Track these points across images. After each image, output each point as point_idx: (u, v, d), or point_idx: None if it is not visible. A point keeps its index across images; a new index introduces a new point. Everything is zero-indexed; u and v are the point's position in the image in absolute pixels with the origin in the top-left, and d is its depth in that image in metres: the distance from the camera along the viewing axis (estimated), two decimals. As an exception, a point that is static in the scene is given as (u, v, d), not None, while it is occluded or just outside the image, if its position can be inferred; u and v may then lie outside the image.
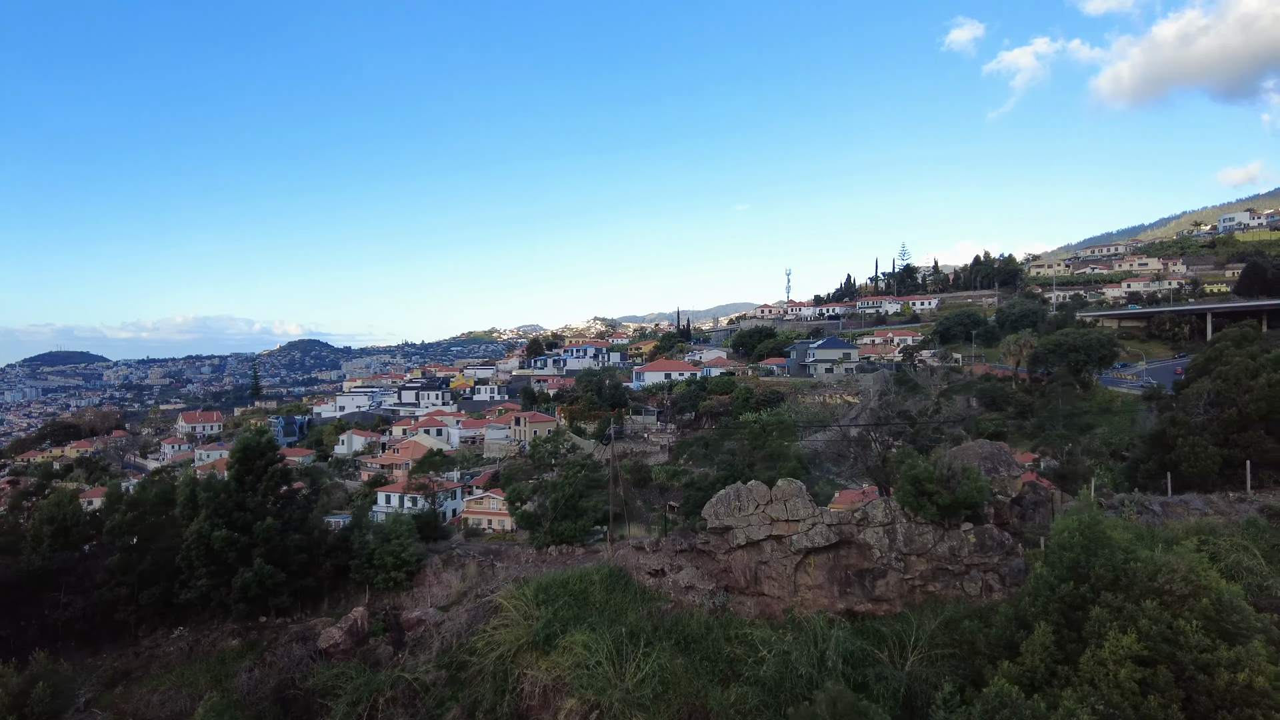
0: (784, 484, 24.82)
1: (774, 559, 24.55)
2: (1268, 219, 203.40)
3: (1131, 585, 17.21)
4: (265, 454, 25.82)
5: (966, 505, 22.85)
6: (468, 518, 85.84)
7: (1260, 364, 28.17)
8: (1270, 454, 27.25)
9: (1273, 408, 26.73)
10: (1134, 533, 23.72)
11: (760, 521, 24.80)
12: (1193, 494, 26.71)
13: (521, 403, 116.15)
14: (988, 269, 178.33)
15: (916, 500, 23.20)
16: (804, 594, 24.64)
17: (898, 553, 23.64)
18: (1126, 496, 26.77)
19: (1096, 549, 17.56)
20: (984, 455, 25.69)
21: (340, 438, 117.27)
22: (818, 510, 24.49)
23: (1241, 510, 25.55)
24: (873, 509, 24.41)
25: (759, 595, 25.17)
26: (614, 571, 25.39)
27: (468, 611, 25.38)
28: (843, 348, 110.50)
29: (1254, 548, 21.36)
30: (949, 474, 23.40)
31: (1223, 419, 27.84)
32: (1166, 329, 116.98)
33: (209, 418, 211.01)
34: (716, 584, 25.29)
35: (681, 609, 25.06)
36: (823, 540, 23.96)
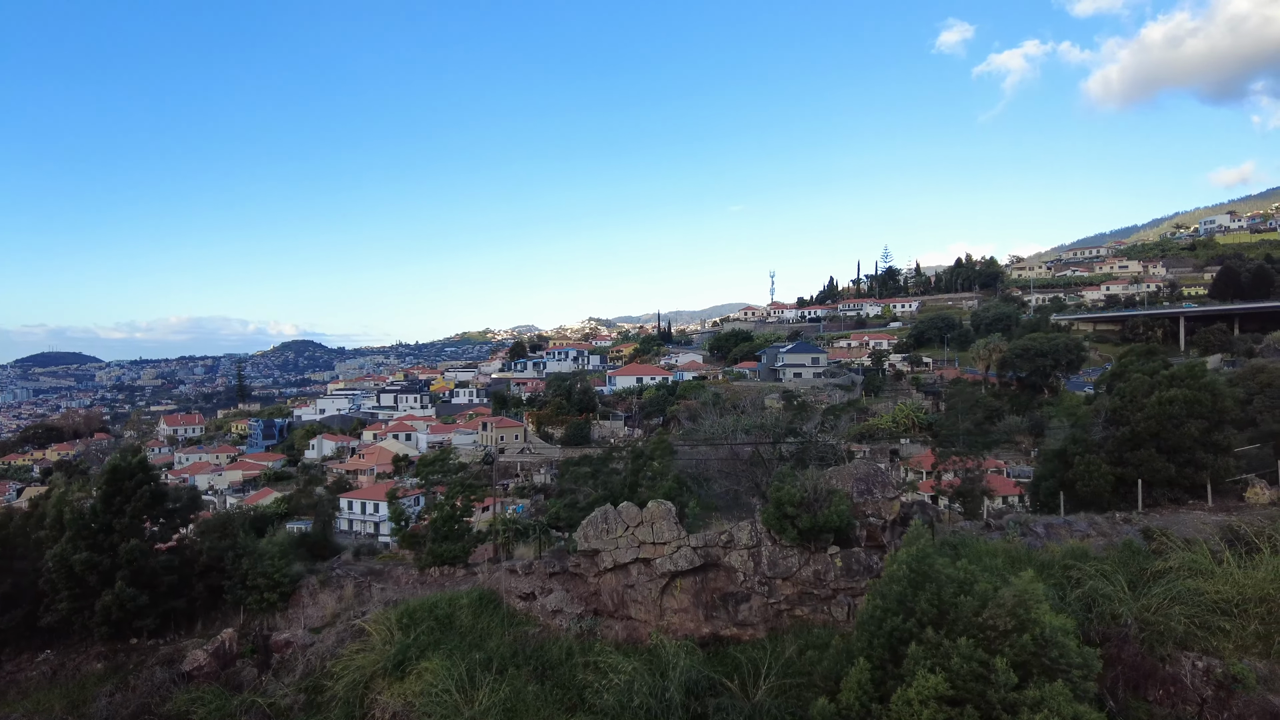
0: (653, 506, 24.39)
1: (640, 582, 24.10)
2: (1249, 221, 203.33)
3: (956, 621, 16.80)
4: (135, 475, 25.35)
5: (828, 528, 22.42)
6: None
7: (1156, 381, 27.82)
8: (1161, 473, 26.91)
9: (1162, 426, 26.38)
10: (1010, 557, 23.36)
11: (628, 544, 24.34)
12: (1080, 514, 26.37)
13: (492, 407, 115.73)
14: (969, 271, 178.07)
15: (779, 523, 22.79)
16: (670, 618, 24.18)
17: (761, 576, 23.20)
18: (1013, 517, 26.40)
19: (924, 582, 17.13)
20: (859, 476, 25.25)
21: (310, 442, 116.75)
22: (684, 533, 24.03)
23: (1123, 531, 25.17)
24: (739, 531, 23.99)
25: (627, 619, 24.72)
26: (484, 595, 24.97)
27: (337, 634, 24.94)
28: (811, 352, 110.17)
29: (1118, 573, 20.93)
30: (812, 496, 22.98)
31: (1117, 437, 27.50)
32: (1140, 332, 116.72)
33: (190, 420, 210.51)
34: (586, 607, 24.83)
35: (549, 633, 24.61)
36: (686, 564, 23.51)
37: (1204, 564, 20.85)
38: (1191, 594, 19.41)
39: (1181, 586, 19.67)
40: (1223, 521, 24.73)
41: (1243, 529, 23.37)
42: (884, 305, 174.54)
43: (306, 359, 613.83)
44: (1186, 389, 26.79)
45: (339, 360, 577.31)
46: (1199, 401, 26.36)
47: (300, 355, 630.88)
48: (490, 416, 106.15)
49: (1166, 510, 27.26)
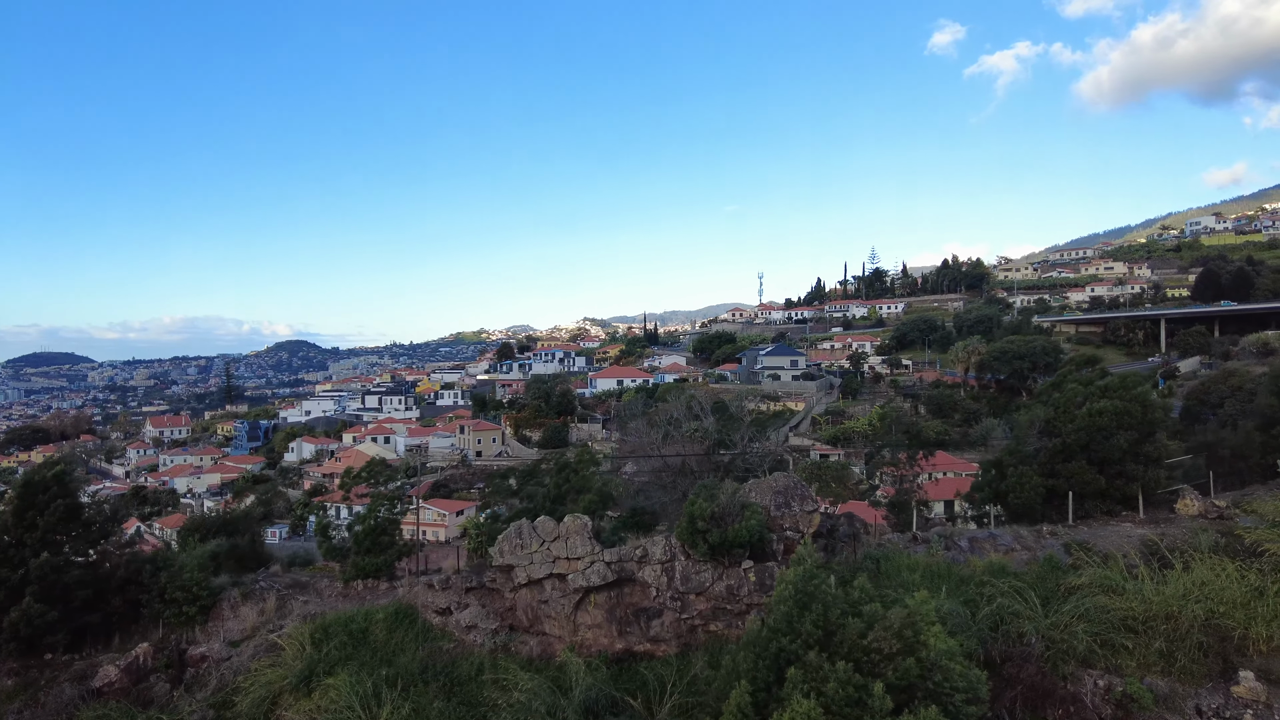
0: (569, 520, 24.08)
1: (553, 598, 23.77)
2: (1234, 223, 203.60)
3: (842, 643, 16.54)
4: (50, 488, 24.97)
5: (739, 543, 22.13)
6: (405, 528, 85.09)
7: (1090, 391, 27.61)
8: (1091, 485, 26.68)
9: (1092, 438, 26.16)
10: (931, 572, 23.09)
11: (543, 560, 24.01)
12: (1006, 527, 26.15)
13: (472, 409, 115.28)
14: (955, 272, 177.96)
15: (692, 538, 22.51)
16: (584, 633, 23.86)
17: (674, 592, 22.89)
18: (940, 530, 26.16)
19: (810, 603, 16.86)
20: (778, 489, 24.97)
21: (290, 445, 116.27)
22: (598, 548, 23.70)
23: (1047, 545, 24.90)
24: (653, 546, 23.68)
25: (542, 634, 24.40)
26: (401, 609, 24.64)
27: (254, 648, 24.59)
28: (790, 355, 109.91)
29: (1032, 590, 20.65)
30: (723, 511, 22.69)
31: (1049, 448, 27.30)
32: (1121, 334, 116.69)
33: (177, 421, 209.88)
34: (501, 623, 24.50)
35: (463, 649, 24.28)
36: (599, 579, 23.17)
37: (1115, 580, 20.59)
38: (1099, 611, 19.12)
39: (1090, 603, 19.37)
40: (1146, 535, 24.54)
41: (1162, 543, 23.18)
42: (870, 307, 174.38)
43: (300, 359, 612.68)
44: (1118, 400, 26.58)
45: (333, 360, 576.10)
46: (1129, 413, 26.15)
47: (294, 355, 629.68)
48: (471, 419, 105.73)
49: (1098, 522, 27.03)
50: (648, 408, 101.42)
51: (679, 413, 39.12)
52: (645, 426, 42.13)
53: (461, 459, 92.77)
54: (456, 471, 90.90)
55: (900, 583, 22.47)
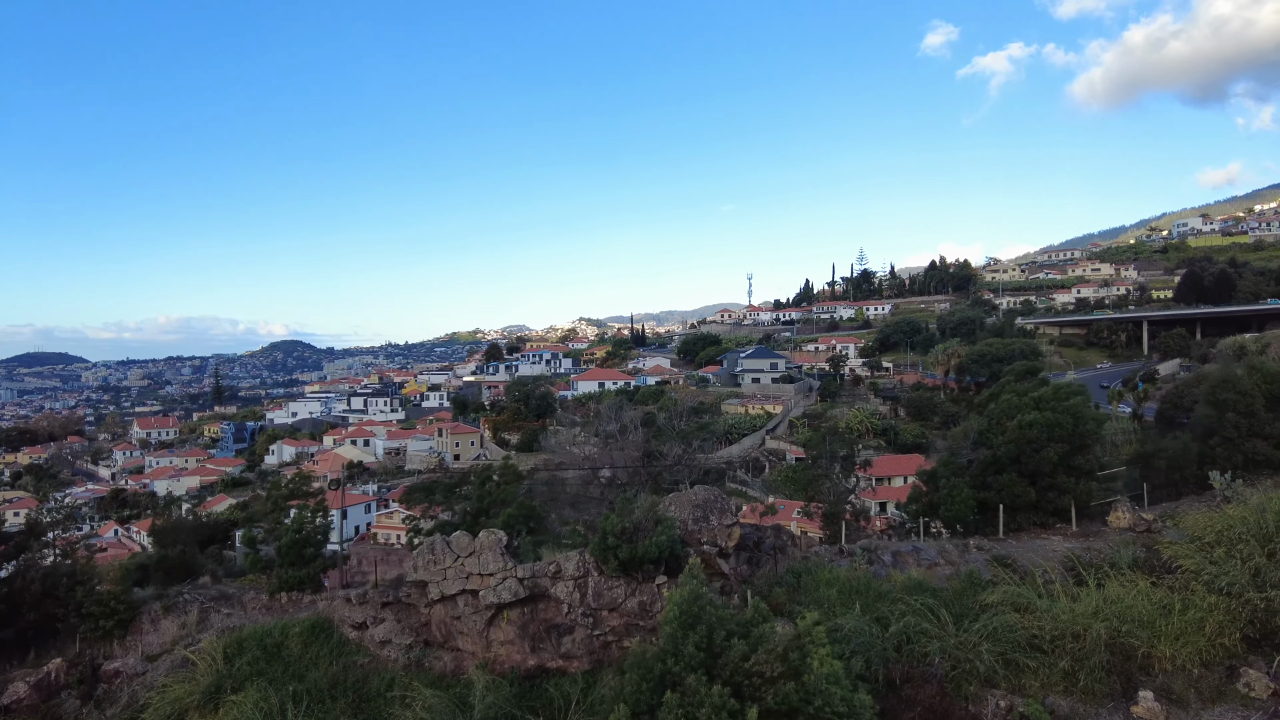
0: (484, 536, 23.77)
1: (466, 614, 23.44)
2: (1221, 224, 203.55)
3: (725, 666, 16.24)
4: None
5: (648, 559, 21.81)
6: (377, 532, 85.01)
7: (1024, 402, 27.34)
8: (1022, 498, 26.42)
9: (1022, 451, 25.90)
10: (850, 587, 22.79)
11: (456, 575, 23.68)
12: (932, 540, 25.85)
13: (453, 412, 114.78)
14: (943, 273, 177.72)
15: (602, 554, 22.20)
16: (497, 649, 23.54)
17: (586, 608, 22.56)
18: (865, 544, 25.87)
19: (695, 624, 16.55)
20: (697, 503, 24.65)
21: (271, 448, 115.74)
22: (511, 564, 23.40)
23: (971, 560, 24.61)
24: (566, 562, 23.36)
25: (455, 650, 24.08)
26: (318, 623, 24.29)
27: (170, 663, 24.25)
28: (769, 357, 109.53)
29: (947, 607, 20.33)
30: (634, 526, 22.38)
31: (981, 460, 27.03)
32: (1104, 336, 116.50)
33: (164, 423, 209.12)
34: (416, 638, 24.16)
35: (378, 664, 23.97)
36: (510, 595, 22.86)
37: (1028, 597, 20.28)
38: (1007, 630, 18.81)
39: (999, 621, 19.06)
40: (1072, 549, 24.26)
41: (1086, 557, 22.89)
42: (857, 308, 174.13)
43: (295, 359, 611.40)
44: (1050, 413, 26.31)
45: (328, 360, 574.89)
46: (1059, 425, 25.87)
47: (289, 355, 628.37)
48: (451, 421, 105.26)
49: (1029, 535, 26.74)
50: (622, 411, 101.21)
51: (611, 424, 38.73)
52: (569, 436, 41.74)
53: (439, 462, 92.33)
54: (434, 475, 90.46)
55: (816, 598, 22.20)
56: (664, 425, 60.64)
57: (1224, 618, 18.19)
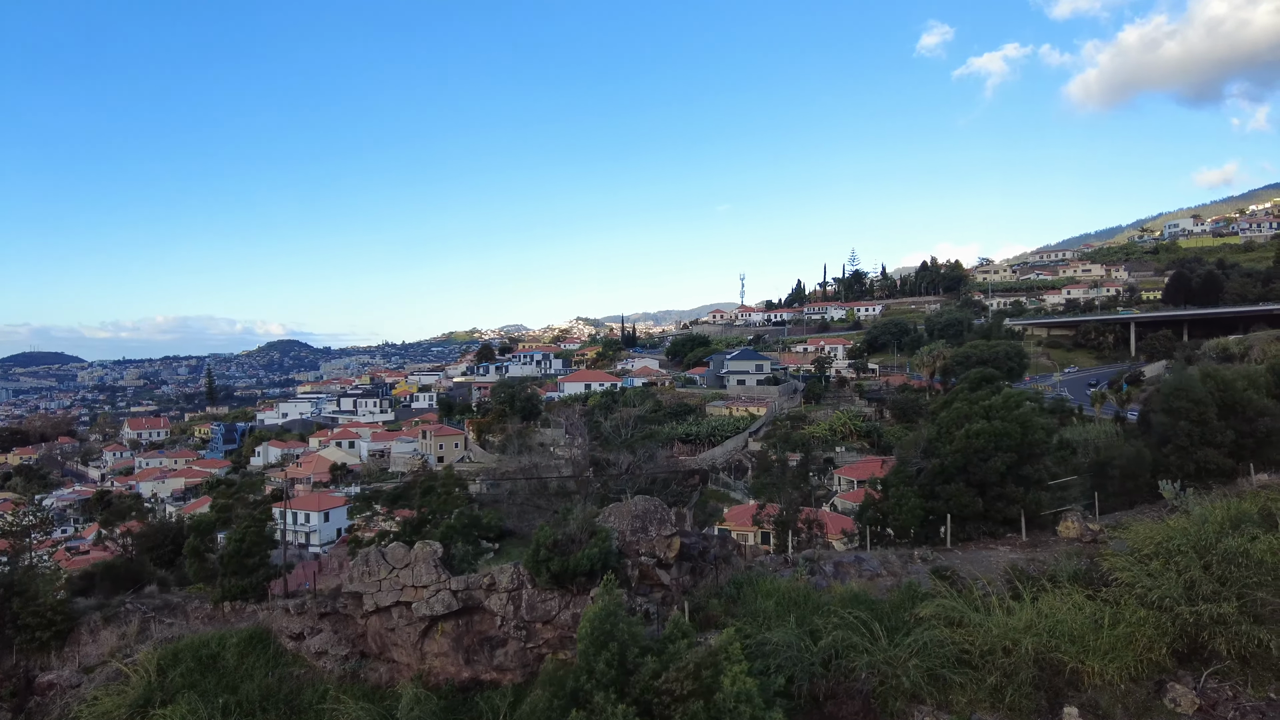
0: (419, 547, 23.55)
1: (400, 626, 23.20)
2: (1212, 225, 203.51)
3: (635, 684, 16.02)
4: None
5: (579, 571, 21.57)
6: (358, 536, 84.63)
7: (974, 411, 27.11)
8: (970, 507, 26.18)
9: (969, 460, 25.67)
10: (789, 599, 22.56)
11: (391, 587, 23.43)
12: (876, 551, 25.63)
13: (439, 413, 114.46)
14: (934, 274, 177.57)
15: (535, 566, 21.99)
16: (431, 661, 23.30)
17: (519, 620, 22.32)
18: (808, 554, 25.63)
19: (607, 641, 16.33)
20: (636, 514, 24.41)
21: (257, 449, 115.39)
22: (445, 576, 23.15)
23: (913, 570, 24.35)
24: (500, 574, 23.12)
25: (391, 662, 23.84)
26: (256, 634, 24.04)
27: (107, 675, 23.99)
28: (754, 359, 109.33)
29: (882, 620, 20.10)
30: (569, 538, 22.16)
31: (929, 469, 26.79)
32: (1092, 338, 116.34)
33: (155, 424, 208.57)
34: (353, 649, 23.92)
35: (314, 675, 23.71)
36: (443, 608, 22.61)
37: (961, 611, 20.00)
38: (937, 644, 18.53)
39: (929, 636, 18.78)
40: (1017, 560, 24.03)
41: (1029, 568, 22.65)
42: (848, 309, 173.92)
43: (292, 359, 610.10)
44: (1000, 421, 26.08)
45: (324, 360, 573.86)
46: (1007, 434, 25.64)
47: (285, 355, 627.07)
48: (437, 423, 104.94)
49: (977, 545, 26.51)
50: (611, 412, 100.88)
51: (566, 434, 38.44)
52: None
53: (422, 465, 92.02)
54: (417, 478, 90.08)
55: (752, 610, 21.94)
56: (609, 433, 60.34)
57: (1153, 632, 17.93)
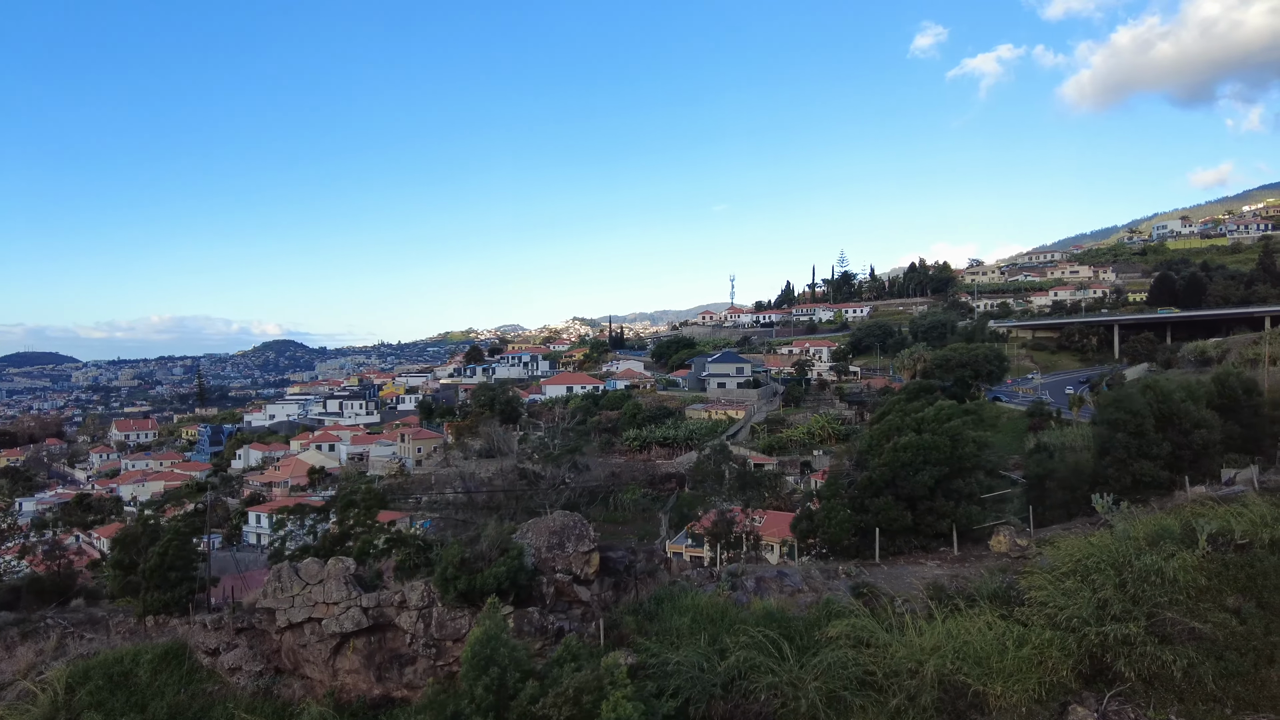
0: (331, 564, 23.25)
1: (311, 642, 22.89)
2: (1200, 227, 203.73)
3: (514, 709, 15.75)
4: None
5: (484, 590, 21.25)
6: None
7: (905, 423, 26.84)
8: (898, 521, 25.92)
9: (896, 473, 25.41)
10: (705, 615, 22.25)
11: (303, 603, 23.10)
12: (799, 564, 25.40)
13: (420, 416, 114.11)
14: (922, 276, 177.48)
15: (442, 584, 21.73)
16: (343, 678, 22.99)
17: (430, 638, 22.04)
18: (732, 568, 25.31)
19: (488, 666, 16.05)
20: (554, 529, 24.13)
21: (238, 452, 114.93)
22: (357, 593, 22.84)
23: (836, 586, 24.06)
24: (411, 592, 22.84)
25: (305, 678, 23.51)
26: (173, 650, 23.70)
27: (17, 693, 23.63)
28: (735, 362, 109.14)
29: (792, 639, 19.79)
30: (477, 555, 21.86)
31: (859, 482, 26.55)
32: (1076, 340, 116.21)
33: (143, 425, 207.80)
34: (268, 665, 23.59)
35: (228, 692, 23.38)
36: (353, 625, 22.31)
37: (871, 630, 19.70)
38: (840, 665, 18.24)
39: (834, 656, 18.49)
40: (941, 576, 23.75)
41: (952, 585, 22.35)
42: (836, 310, 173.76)
43: (287, 359, 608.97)
44: (930, 434, 25.82)
45: (320, 360, 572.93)
46: (936, 448, 25.37)
47: (281, 355, 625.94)
48: (417, 426, 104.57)
49: (905, 560, 26.23)
50: (592, 415, 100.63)
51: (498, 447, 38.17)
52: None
53: (400, 468, 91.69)
54: (394, 481, 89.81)
55: (665, 628, 21.64)
56: (535, 446, 59.98)
57: (1059, 653, 17.63)
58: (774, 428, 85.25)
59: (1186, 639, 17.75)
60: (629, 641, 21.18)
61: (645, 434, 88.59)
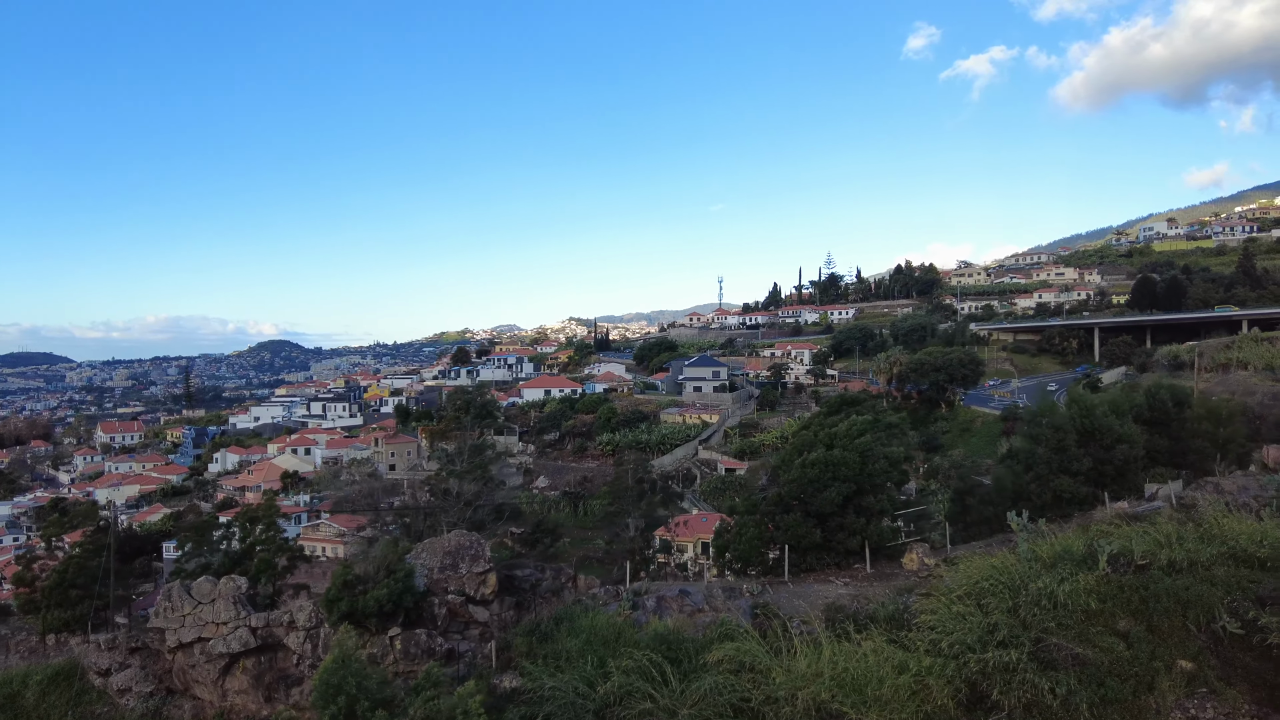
0: (223, 583, 22.91)
1: (200, 663, 22.55)
2: (1187, 229, 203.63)
3: (363, 739, 15.43)
4: None
5: (368, 612, 20.93)
6: (304, 545, 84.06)
7: (818, 439, 26.48)
8: (807, 538, 25.56)
9: (804, 490, 25.06)
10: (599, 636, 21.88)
11: (194, 623, 22.76)
12: (702, 583, 24.99)
13: (396, 420, 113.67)
14: (908, 278, 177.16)
15: (327, 605, 21.36)
16: (233, 698, 22.67)
17: (317, 659, 21.67)
18: (637, 586, 24.92)
19: (336, 695, 15.70)
20: (448, 550, 23.79)
21: (215, 455, 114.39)
22: (246, 613, 22.47)
23: (736, 606, 23.64)
24: (299, 612, 22.49)
25: (195, 699, 23.15)
26: (65, 670, 23.36)
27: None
28: (711, 365, 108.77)
29: (674, 664, 19.40)
30: (363, 576, 21.50)
31: (770, 498, 26.20)
32: (1056, 343, 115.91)
33: (129, 427, 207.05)
34: (159, 685, 23.25)
35: (117, 713, 23.03)
36: (240, 645, 21.99)
37: (753, 654, 19.31)
38: (716, 692, 17.82)
39: (712, 682, 18.06)
40: (844, 595, 23.43)
41: (852, 606, 22.02)
42: (822, 312, 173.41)
43: (283, 359, 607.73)
44: (840, 450, 25.45)
45: (315, 361, 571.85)
46: (845, 464, 24.99)
47: (276, 355, 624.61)
48: (393, 430, 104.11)
49: (814, 578, 25.88)
50: (567, 419, 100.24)
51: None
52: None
53: (373, 473, 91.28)
54: (368, 485, 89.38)
55: (555, 650, 21.31)
56: (444, 460, 59.47)
57: (939, 680, 17.28)
58: (748, 432, 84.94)
59: (1071, 665, 17.40)
60: (514, 664, 20.87)
61: (619, 438, 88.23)
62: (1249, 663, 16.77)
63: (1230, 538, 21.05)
